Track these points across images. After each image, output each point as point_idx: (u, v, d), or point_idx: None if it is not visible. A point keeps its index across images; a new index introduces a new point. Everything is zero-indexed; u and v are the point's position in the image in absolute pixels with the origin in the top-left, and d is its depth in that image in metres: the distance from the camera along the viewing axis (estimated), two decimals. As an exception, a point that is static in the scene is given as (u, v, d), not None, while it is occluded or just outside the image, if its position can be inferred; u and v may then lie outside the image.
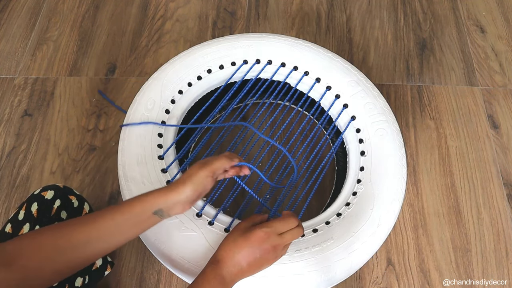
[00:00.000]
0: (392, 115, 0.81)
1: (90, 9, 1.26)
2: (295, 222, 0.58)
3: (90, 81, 1.12)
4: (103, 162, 0.99)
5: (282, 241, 0.56)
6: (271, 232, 0.56)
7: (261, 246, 0.55)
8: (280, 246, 0.56)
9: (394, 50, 1.18)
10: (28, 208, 0.64)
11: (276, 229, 0.56)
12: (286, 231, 0.57)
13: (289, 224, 0.58)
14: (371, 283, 0.86)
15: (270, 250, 0.55)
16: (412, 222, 0.92)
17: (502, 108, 1.08)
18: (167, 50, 1.17)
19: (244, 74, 0.87)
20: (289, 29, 1.21)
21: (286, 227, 0.57)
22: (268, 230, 0.56)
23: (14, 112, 1.07)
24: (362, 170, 0.76)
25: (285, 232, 0.57)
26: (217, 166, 0.58)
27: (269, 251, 0.55)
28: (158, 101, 0.80)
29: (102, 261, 0.74)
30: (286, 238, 0.56)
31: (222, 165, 0.58)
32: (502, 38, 1.20)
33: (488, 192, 0.96)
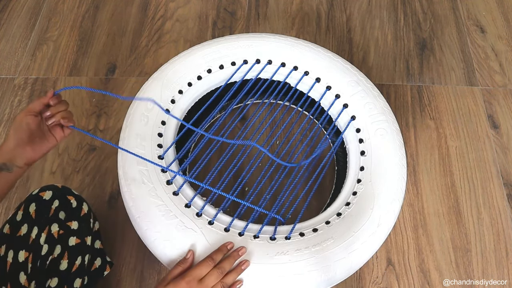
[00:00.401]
0: (392, 115, 0.81)
1: (90, 9, 1.26)
2: (210, 265, 0.60)
3: (90, 81, 1.12)
4: (103, 162, 0.99)
5: (202, 286, 0.58)
6: (191, 280, 0.57)
7: None
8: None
9: (394, 50, 1.18)
10: (26, 208, 0.64)
11: (195, 276, 0.58)
12: (206, 276, 0.59)
13: (206, 268, 0.59)
14: (371, 283, 0.86)
15: None
16: (412, 222, 0.92)
17: (502, 108, 1.08)
18: (167, 50, 1.17)
19: (244, 74, 0.87)
20: (289, 29, 1.21)
21: (205, 271, 0.59)
22: (187, 279, 0.57)
23: (14, 112, 1.07)
24: (362, 170, 0.76)
25: (205, 277, 0.59)
26: (32, 105, 0.58)
27: None
28: (158, 101, 0.80)
29: (101, 261, 0.74)
30: (207, 283, 0.58)
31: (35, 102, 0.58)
32: (502, 38, 1.20)
33: (488, 192, 0.96)
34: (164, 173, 0.72)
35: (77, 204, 0.70)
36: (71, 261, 0.66)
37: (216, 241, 0.65)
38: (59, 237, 0.65)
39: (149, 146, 0.75)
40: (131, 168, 0.72)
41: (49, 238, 0.64)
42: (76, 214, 0.69)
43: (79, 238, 0.68)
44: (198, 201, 0.71)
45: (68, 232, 0.67)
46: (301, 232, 0.68)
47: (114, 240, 0.90)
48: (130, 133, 0.76)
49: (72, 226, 0.67)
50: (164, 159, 0.74)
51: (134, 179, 0.71)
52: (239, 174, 0.81)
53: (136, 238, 0.89)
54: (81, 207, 0.71)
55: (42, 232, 0.63)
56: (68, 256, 0.65)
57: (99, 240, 0.75)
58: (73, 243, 0.67)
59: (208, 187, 0.70)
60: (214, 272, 0.59)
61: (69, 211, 0.68)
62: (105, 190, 0.96)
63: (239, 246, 0.64)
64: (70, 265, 0.65)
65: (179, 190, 0.71)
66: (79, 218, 0.69)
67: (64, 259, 0.65)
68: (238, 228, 0.68)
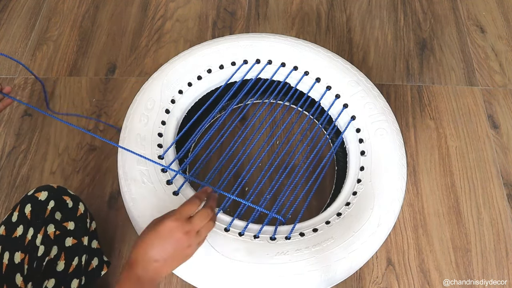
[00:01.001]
0: (392, 115, 0.81)
1: (90, 9, 1.26)
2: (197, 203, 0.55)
3: (90, 81, 1.12)
4: (103, 162, 0.99)
5: (192, 225, 0.53)
6: (179, 219, 0.52)
7: (172, 237, 0.51)
8: (192, 232, 0.53)
9: (394, 50, 1.18)
10: (21, 209, 0.64)
11: (184, 214, 0.53)
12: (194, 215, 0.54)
13: (194, 205, 0.55)
14: (371, 283, 0.86)
15: (183, 239, 0.52)
16: (412, 222, 0.92)
17: (502, 108, 1.08)
18: (167, 50, 1.17)
19: (244, 74, 0.87)
20: (289, 29, 1.21)
21: (193, 209, 0.54)
22: (176, 217, 0.52)
23: (14, 112, 1.07)
24: (362, 170, 0.76)
25: (193, 216, 0.54)
26: None
27: (182, 240, 0.52)
28: (158, 101, 0.80)
29: (98, 261, 0.74)
30: (195, 222, 0.53)
31: None
32: (502, 38, 1.20)
33: (488, 192, 0.96)
34: (164, 173, 0.72)
35: (73, 204, 0.69)
36: (68, 262, 0.65)
37: (215, 241, 0.65)
38: (56, 238, 0.65)
39: (149, 146, 0.75)
40: (131, 168, 0.72)
41: (45, 239, 0.63)
42: (72, 214, 0.69)
43: (75, 239, 0.67)
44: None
45: (65, 232, 0.66)
46: (301, 232, 0.68)
47: (113, 240, 0.90)
48: (130, 133, 0.76)
49: (68, 226, 0.67)
50: (164, 159, 0.74)
51: (134, 179, 0.71)
52: (239, 174, 0.81)
53: (136, 238, 0.89)
54: (77, 207, 0.70)
55: (38, 233, 0.63)
56: (65, 257, 0.65)
57: (96, 240, 0.75)
58: (69, 243, 0.66)
59: (209, 186, 0.70)
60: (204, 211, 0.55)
61: (65, 212, 0.68)
62: (105, 190, 0.96)
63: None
64: (67, 266, 0.65)
65: (179, 190, 0.71)
66: (75, 219, 0.69)
67: (61, 259, 0.65)
68: (238, 228, 0.68)
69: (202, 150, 0.80)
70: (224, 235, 0.66)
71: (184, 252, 0.53)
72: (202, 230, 0.55)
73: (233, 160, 0.79)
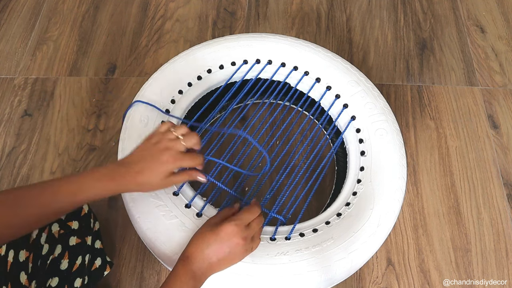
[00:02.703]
0: (392, 115, 0.81)
1: (90, 9, 1.26)
2: (258, 210, 0.60)
3: (90, 81, 1.12)
4: (103, 162, 0.99)
5: (249, 232, 0.57)
6: (240, 225, 0.56)
7: (231, 240, 0.55)
8: (249, 238, 0.57)
9: (394, 50, 1.18)
10: None
11: (244, 220, 0.57)
12: (253, 221, 0.58)
13: (255, 213, 0.59)
14: (371, 283, 0.86)
15: (240, 243, 0.56)
16: (412, 222, 0.92)
17: (502, 108, 1.08)
18: (167, 50, 1.17)
19: (244, 74, 0.87)
20: (289, 29, 1.21)
21: (252, 216, 0.58)
22: (237, 222, 0.56)
23: (14, 112, 1.07)
24: (362, 170, 0.76)
25: (251, 222, 0.58)
26: None
27: (239, 245, 0.56)
28: (158, 101, 0.80)
29: (102, 261, 0.74)
30: (253, 228, 0.57)
31: None
32: (502, 38, 1.20)
33: (488, 192, 0.96)
34: (164, 173, 0.72)
35: None
36: (71, 261, 0.66)
37: (216, 241, 0.65)
38: (60, 237, 0.65)
39: (149, 146, 0.74)
40: (131, 168, 0.72)
41: (50, 237, 0.64)
42: (77, 214, 0.69)
43: (79, 238, 0.68)
44: (198, 201, 0.71)
45: (69, 232, 0.67)
46: (301, 233, 0.68)
47: (114, 240, 0.90)
48: (130, 133, 0.76)
49: (72, 226, 0.67)
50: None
51: (134, 179, 0.70)
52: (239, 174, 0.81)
53: (136, 238, 0.89)
54: (81, 207, 0.71)
55: (42, 232, 0.63)
56: (69, 256, 0.65)
57: (99, 240, 0.75)
58: (73, 243, 0.67)
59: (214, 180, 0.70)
60: (261, 218, 0.60)
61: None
62: (105, 190, 0.95)
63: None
64: (70, 265, 0.65)
65: (179, 190, 0.71)
66: (80, 218, 0.69)
67: (65, 258, 0.65)
68: (238, 228, 0.68)
69: (202, 150, 0.80)
70: (224, 235, 0.66)
71: (238, 255, 0.57)
72: (256, 235, 0.59)
73: (233, 160, 0.79)
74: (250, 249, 0.58)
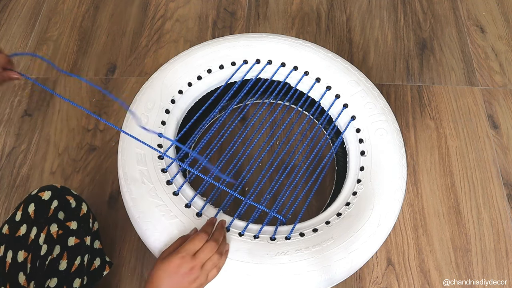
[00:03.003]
0: (392, 115, 0.81)
1: (90, 9, 1.26)
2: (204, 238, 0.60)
3: (90, 81, 1.11)
4: (103, 162, 0.99)
5: (196, 261, 0.57)
6: (185, 256, 0.57)
7: (178, 273, 0.56)
8: (197, 267, 0.57)
9: (394, 50, 1.18)
10: (25, 209, 0.64)
11: (189, 251, 0.58)
12: (199, 250, 0.58)
13: (199, 241, 0.59)
14: (371, 283, 0.86)
15: (188, 273, 0.56)
16: (412, 222, 0.92)
17: (502, 108, 1.08)
18: (167, 50, 1.17)
19: (244, 74, 0.87)
20: (289, 29, 1.21)
21: (197, 245, 0.59)
22: (182, 255, 0.57)
23: (14, 112, 1.07)
24: (362, 170, 0.76)
25: (199, 251, 0.58)
26: None
27: (187, 274, 0.56)
28: (158, 101, 0.80)
29: (101, 261, 0.74)
30: (199, 258, 0.58)
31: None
32: (502, 38, 1.20)
33: (488, 192, 0.96)
34: (164, 173, 0.72)
35: (76, 204, 0.70)
36: (70, 261, 0.66)
37: (216, 241, 0.65)
38: (58, 237, 0.65)
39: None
40: (131, 168, 0.72)
41: (48, 238, 0.64)
42: (75, 214, 0.69)
43: (78, 238, 0.68)
44: (198, 201, 0.71)
45: (67, 232, 0.67)
46: (301, 232, 0.68)
47: (114, 240, 0.90)
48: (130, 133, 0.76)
49: (71, 226, 0.67)
50: (164, 159, 0.74)
51: (134, 179, 0.71)
52: (239, 174, 0.81)
53: (136, 238, 0.89)
54: (80, 207, 0.71)
55: (41, 232, 0.63)
56: (67, 256, 0.65)
57: (98, 240, 0.75)
58: (72, 243, 0.67)
59: (212, 181, 0.70)
60: (208, 245, 0.59)
61: (68, 211, 0.68)
62: (105, 190, 0.96)
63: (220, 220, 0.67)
64: (69, 265, 0.65)
65: (179, 190, 0.71)
66: (78, 218, 0.69)
67: (63, 259, 0.65)
68: (239, 228, 0.68)
69: (202, 150, 0.80)
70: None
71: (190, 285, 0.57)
72: (207, 263, 0.59)
73: (233, 160, 0.79)
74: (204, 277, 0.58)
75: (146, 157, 0.73)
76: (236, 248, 0.65)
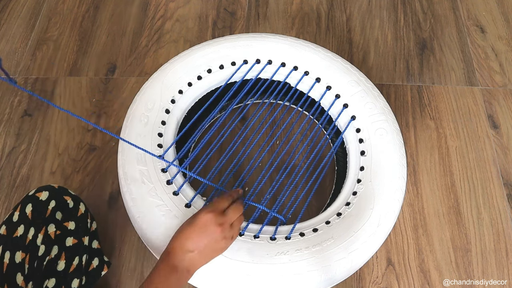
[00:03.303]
0: (392, 115, 0.81)
1: (90, 9, 1.26)
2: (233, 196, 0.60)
3: (90, 81, 1.12)
4: (103, 162, 0.99)
5: (226, 218, 0.56)
6: (214, 210, 0.56)
7: (208, 228, 0.55)
8: (226, 224, 0.56)
9: (394, 50, 1.18)
10: (22, 209, 0.64)
11: (219, 207, 0.57)
12: (227, 208, 0.57)
13: (229, 199, 0.58)
14: (371, 283, 0.86)
15: (217, 230, 0.55)
16: (412, 222, 0.92)
17: (502, 108, 1.08)
18: (167, 50, 1.17)
19: (244, 74, 0.87)
20: (289, 29, 1.21)
21: (227, 202, 0.58)
22: (211, 209, 0.56)
23: (14, 112, 1.07)
24: (362, 170, 0.76)
25: (227, 209, 0.57)
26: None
27: (216, 232, 0.55)
28: (158, 101, 0.80)
29: (99, 261, 0.74)
30: (229, 214, 0.57)
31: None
32: (502, 38, 1.20)
33: (488, 192, 0.96)
34: (164, 173, 0.72)
35: (73, 204, 0.70)
36: (68, 262, 0.65)
37: (216, 241, 0.65)
38: (56, 238, 0.65)
39: (149, 146, 0.75)
40: (131, 168, 0.72)
41: (46, 238, 0.64)
42: (73, 214, 0.69)
43: (76, 239, 0.68)
44: (198, 201, 0.71)
45: (65, 232, 0.67)
46: (301, 232, 0.68)
47: (114, 240, 0.90)
48: (130, 133, 0.76)
49: (69, 226, 0.67)
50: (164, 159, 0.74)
51: (134, 179, 0.71)
52: (239, 174, 0.81)
53: (136, 238, 0.89)
54: (78, 207, 0.70)
55: (39, 233, 0.63)
56: (65, 257, 0.65)
57: (96, 240, 0.75)
58: (70, 243, 0.67)
59: (211, 183, 0.70)
60: (236, 205, 0.59)
61: (66, 212, 0.68)
62: (105, 190, 0.96)
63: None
64: (67, 266, 0.65)
65: (179, 190, 0.71)
66: (76, 219, 0.69)
67: (61, 259, 0.65)
68: (238, 228, 0.68)
69: (202, 150, 0.80)
70: (224, 235, 0.66)
71: (218, 244, 0.56)
72: (235, 223, 0.58)
73: (233, 160, 0.79)
74: (230, 237, 0.57)
75: (146, 157, 0.73)
76: (236, 248, 0.65)
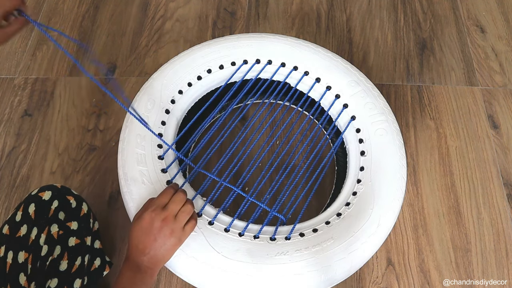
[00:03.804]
0: (392, 115, 0.81)
1: (90, 9, 1.26)
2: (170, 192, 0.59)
3: (90, 81, 1.12)
4: (103, 162, 0.99)
5: (167, 212, 0.57)
6: (154, 209, 0.57)
7: (152, 227, 0.56)
8: (170, 217, 0.56)
9: (394, 50, 1.18)
10: (25, 209, 0.64)
11: (158, 204, 0.57)
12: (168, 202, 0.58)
13: (166, 195, 0.59)
14: (371, 283, 0.86)
15: (162, 226, 0.56)
16: (412, 222, 0.92)
17: (502, 108, 1.08)
18: (167, 50, 1.17)
19: (244, 74, 0.87)
20: (289, 29, 1.21)
21: (166, 198, 0.58)
22: (152, 208, 0.57)
23: (14, 112, 1.07)
24: (362, 170, 0.76)
25: (168, 204, 0.58)
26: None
27: (161, 227, 0.56)
28: (158, 101, 0.80)
29: (101, 261, 0.74)
30: (170, 208, 0.57)
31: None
32: (502, 38, 1.20)
33: (488, 192, 0.96)
34: (164, 173, 0.72)
35: (76, 204, 0.70)
36: (70, 262, 0.66)
37: (216, 241, 0.65)
38: (59, 238, 0.65)
39: (149, 146, 0.75)
40: (131, 168, 0.72)
41: (49, 238, 0.64)
42: (76, 214, 0.69)
43: (78, 239, 0.68)
44: (198, 201, 0.71)
45: (68, 232, 0.67)
46: (301, 233, 0.68)
47: (114, 240, 0.90)
48: (130, 133, 0.76)
49: (71, 226, 0.67)
50: (164, 159, 0.74)
51: (134, 179, 0.71)
52: (239, 174, 0.81)
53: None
54: (80, 207, 0.71)
55: (41, 233, 0.63)
56: (68, 257, 0.65)
57: (98, 240, 0.75)
58: (72, 243, 0.67)
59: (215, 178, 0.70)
60: (176, 196, 0.59)
61: (69, 212, 0.68)
62: (105, 190, 0.96)
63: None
64: (69, 266, 0.65)
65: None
66: (79, 218, 0.69)
67: (64, 259, 0.65)
68: (238, 228, 0.68)
69: (202, 150, 0.80)
70: (224, 236, 0.66)
71: (168, 239, 0.56)
72: (180, 214, 0.58)
73: (233, 160, 0.79)
74: (178, 228, 0.57)
75: (146, 157, 0.73)
76: (236, 248, 0.65)
